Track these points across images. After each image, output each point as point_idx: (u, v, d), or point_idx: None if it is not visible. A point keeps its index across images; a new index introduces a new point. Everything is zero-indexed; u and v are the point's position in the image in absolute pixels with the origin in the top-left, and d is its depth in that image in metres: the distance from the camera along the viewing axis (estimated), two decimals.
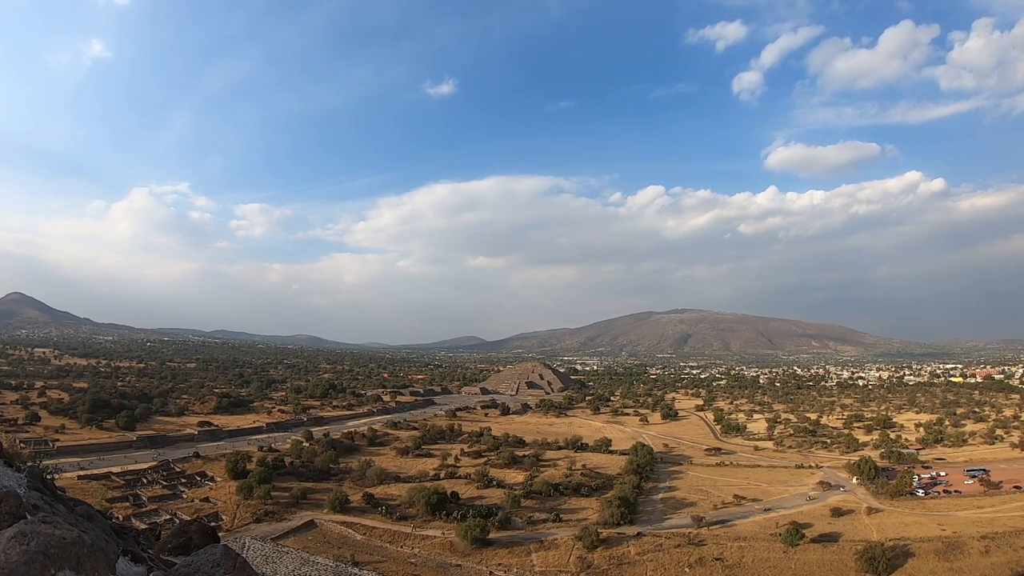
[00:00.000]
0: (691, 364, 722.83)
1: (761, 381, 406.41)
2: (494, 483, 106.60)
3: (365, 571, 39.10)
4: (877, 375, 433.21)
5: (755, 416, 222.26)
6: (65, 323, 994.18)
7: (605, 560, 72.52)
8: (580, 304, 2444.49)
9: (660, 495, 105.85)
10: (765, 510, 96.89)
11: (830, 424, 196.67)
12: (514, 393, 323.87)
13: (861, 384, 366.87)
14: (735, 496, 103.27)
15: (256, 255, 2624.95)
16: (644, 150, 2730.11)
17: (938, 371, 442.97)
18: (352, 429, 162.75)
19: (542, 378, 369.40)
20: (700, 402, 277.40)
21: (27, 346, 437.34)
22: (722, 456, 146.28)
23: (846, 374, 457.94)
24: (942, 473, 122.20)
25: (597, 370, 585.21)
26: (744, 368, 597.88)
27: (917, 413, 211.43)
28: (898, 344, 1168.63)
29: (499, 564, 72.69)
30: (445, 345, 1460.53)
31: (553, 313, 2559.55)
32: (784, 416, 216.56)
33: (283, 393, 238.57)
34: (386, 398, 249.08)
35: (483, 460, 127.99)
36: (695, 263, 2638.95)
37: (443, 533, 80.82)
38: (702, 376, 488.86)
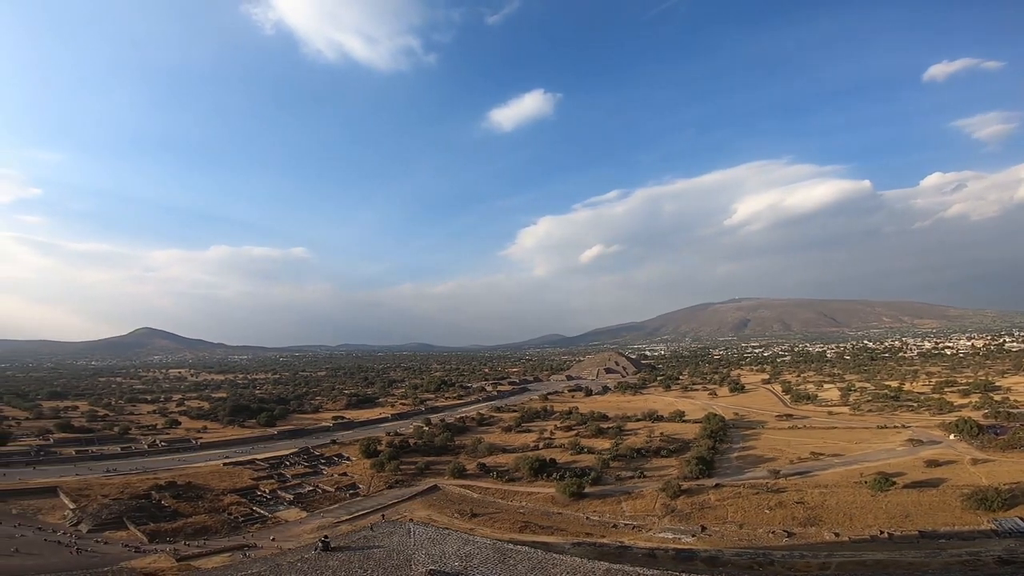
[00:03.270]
0: (752, 344, 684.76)
1: (828, 355, 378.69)
2: (585, 450, 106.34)
3: (520, 547, 40.85)
4: (969, 344, 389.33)
5: (825, 386, 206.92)
6: (199, 348, 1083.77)
7: (687, 506, 70.06)
8: (642, 300, 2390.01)
9: (735, 454, 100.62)
10: (847, 463, 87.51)
11: (915, 390, 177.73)
12: (594, 378, 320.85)
13: (948, 353, 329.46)
14: (812, 453, 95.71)
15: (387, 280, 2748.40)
16: None
17: None
18: (463, 414, 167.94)
19: (617, 364, 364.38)
20: (766, 376, 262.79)
21: (161, 368, 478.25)
22: (794, 421, 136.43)
23: (928, 345, 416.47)
24: None
25: (664, 355, 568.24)
26: (808, 345, 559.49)
27: None
28: (992, 315, 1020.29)
29: (594, 511, 72.25)
30: (532, 343, 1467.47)
31: (619, 309, 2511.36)
32: (859, 385, 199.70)
33: (403, 389, 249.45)
34: (488, 388, 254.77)
35: (574, 432, 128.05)
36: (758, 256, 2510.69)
37: (545, 490, 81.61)
38: (765, 354, 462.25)
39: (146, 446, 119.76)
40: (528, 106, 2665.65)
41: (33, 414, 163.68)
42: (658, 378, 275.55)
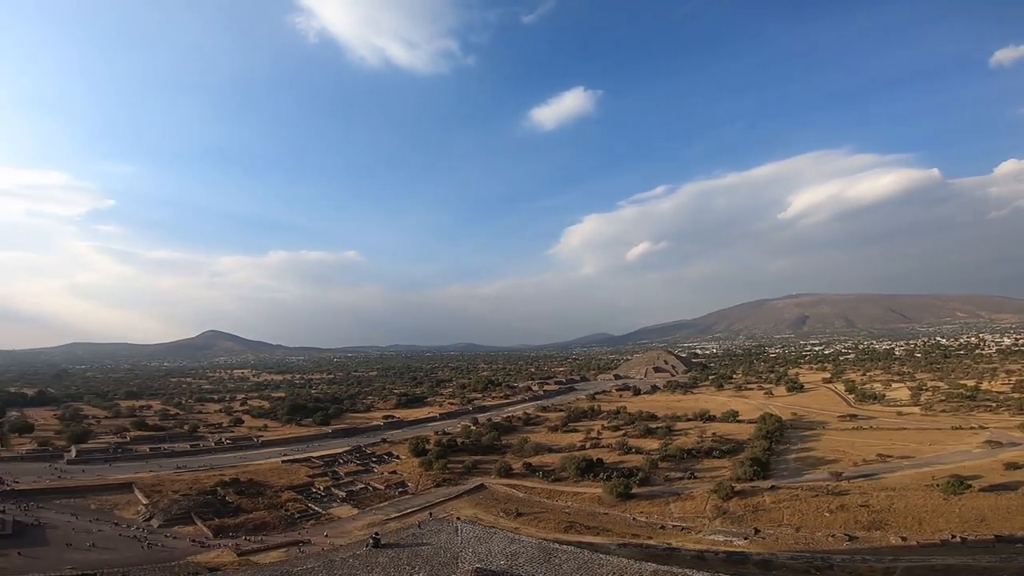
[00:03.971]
0: (812, 342, 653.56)
1: (897, 353, 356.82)
2: (633, 450, 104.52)
3: (566, 546, 40.94)
4: None
5: (894, 385, 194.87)
6: (260, 350, 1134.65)
7: (740, 508, 67.71)
8: (692, 297, 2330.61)
9: (793, 455, 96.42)
10: (917, 466, 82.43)
11: (993, 389, 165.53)
12: (643, 377, 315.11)
13: None
14: (878, 455, 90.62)
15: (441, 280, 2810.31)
16: None
17: None
18: (510, 414, 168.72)
19: (667, 363, 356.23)
20: (827, 375, 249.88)
21: (226, 368, 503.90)
22: (859, 421, 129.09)
23: (1007, 341, 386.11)
24: None
25: (716, 353, 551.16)
26: (874, 342, 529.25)
27: None
28: None
29: (641, 512, 71.11)
30: (579, 342, 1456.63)
31: (669, 307, 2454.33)
32: (931, 384, 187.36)
33: (451, 389, 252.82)
34: (535, 387, 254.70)
35: (621, 432, 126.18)
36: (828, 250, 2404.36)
37: (591, 490, 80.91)
38: (826, 352, 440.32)
39: (213, 444, 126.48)
40: (569, 104, 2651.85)
41: (111, 413, 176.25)
42: (710, 377, 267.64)
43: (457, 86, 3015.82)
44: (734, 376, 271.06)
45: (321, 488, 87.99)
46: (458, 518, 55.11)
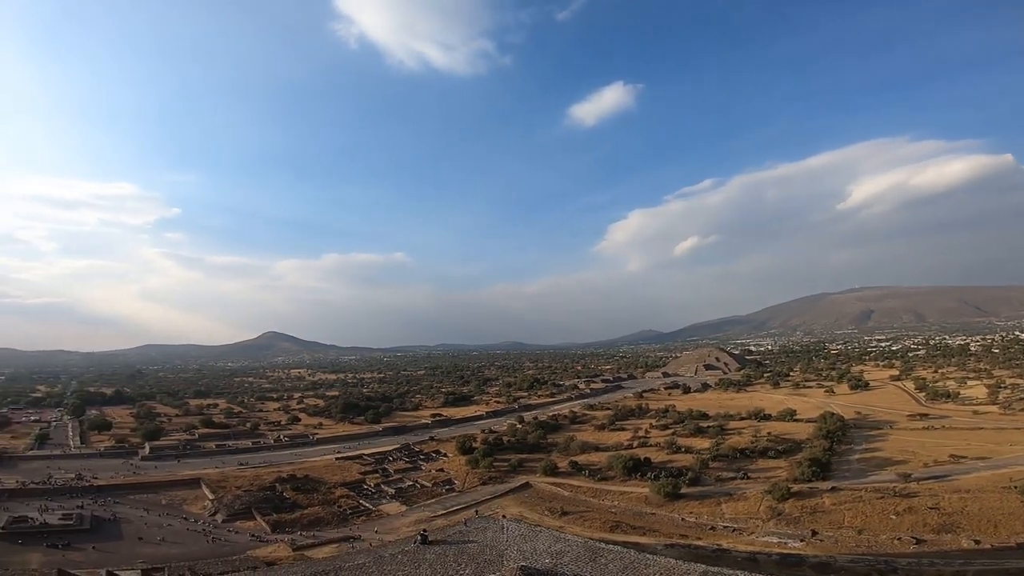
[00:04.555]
0: (878, 337, 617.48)
1: (972, 348, 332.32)
2: (682, 449, 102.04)
3: (611, 546, 40.62)
4: None
5: (969, 383, 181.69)
6: (315, 350, 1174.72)
7: (796, 509, 64.89)
8: (745, 292, 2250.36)
9: (856, 456, 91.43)
10: (994, 467, 76.79)
11: None
12: (693, 375, 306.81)
13: None
14: (951, 456, 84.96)
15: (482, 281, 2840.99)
16: None
17: None
18: (555, 412, 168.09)
19: (718, 360, 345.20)
20: (895, 372, 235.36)
21: (284, 368, 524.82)
22: (930, 421, 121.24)
23: None
24: None
25: (772, 350, 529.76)
26: (946, 337, 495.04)
27: None
28: None
29: (690, 512, 69.40)
30: (626, 339, 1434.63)
31: (720, 303, 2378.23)
32: (1010, 381, 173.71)
33: (497, 388, 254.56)
34: (581, 386, 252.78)
35: (670, 431, 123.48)
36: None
37: (638, 490, 79.61)
38: (893, 348, 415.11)
39: (272, 441, 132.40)
40: (609, 100, 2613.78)
41: (181, 411, 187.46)
42: (765, 375, 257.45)
43: (495, 86, 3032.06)
44: (791, 374, 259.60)
45: (372, 485, 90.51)
46: (504, 516, 55.46)
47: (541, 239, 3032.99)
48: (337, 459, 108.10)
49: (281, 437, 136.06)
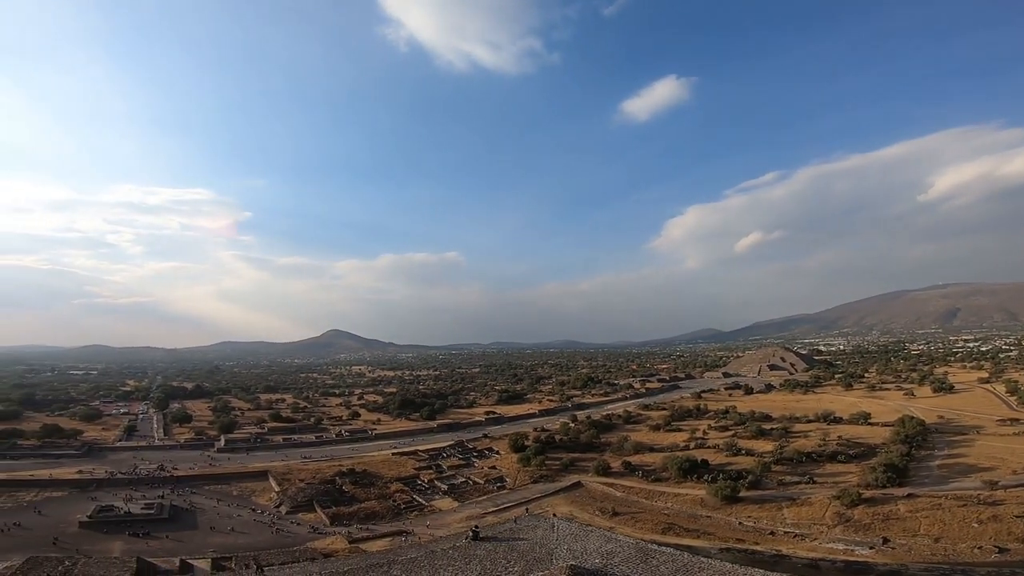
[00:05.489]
0: (964, 337, 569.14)
1: None
2: (743, 452, 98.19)
3: (664, 548, 39.97)
4: None
5: None
6: (374, 347, 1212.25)
7: (867, 516, 61.02)
8: (814, 290, 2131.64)
9: (937, 462, 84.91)
10: None
11: None
12: (756, 375, 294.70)
13: None
14: None
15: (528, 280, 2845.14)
16: None
17: None
18: (609, 411, 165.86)
19: (784, 360, 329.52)
20: (984, 374, 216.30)
21: (346, 365, 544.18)
22: (1022, 426, 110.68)
23: None
24: None
25: (844, 350, 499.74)
26: None
27: None
28: None
29: (748, 516, 66.49)
30: (683, 338, 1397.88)
31: (786, 301, 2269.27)
32: None
33: (550, 386, 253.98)
34: (636, 385, 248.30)
35: (730, 433, 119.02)
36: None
37: (693, 492, 77.35)
38: (982, 348, 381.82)
39: (334, 435, 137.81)
40: (661, 94, 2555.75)
41: (253, 405, 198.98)
42: (836, 376, 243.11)
43: (544, 84, 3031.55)
44: (866, 375, 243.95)
45: (425, 481, 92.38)
46: (554, 515, 55.27)
47: (594, 237, 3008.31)
48: (393, 454, 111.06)
49: (342, 432, 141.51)
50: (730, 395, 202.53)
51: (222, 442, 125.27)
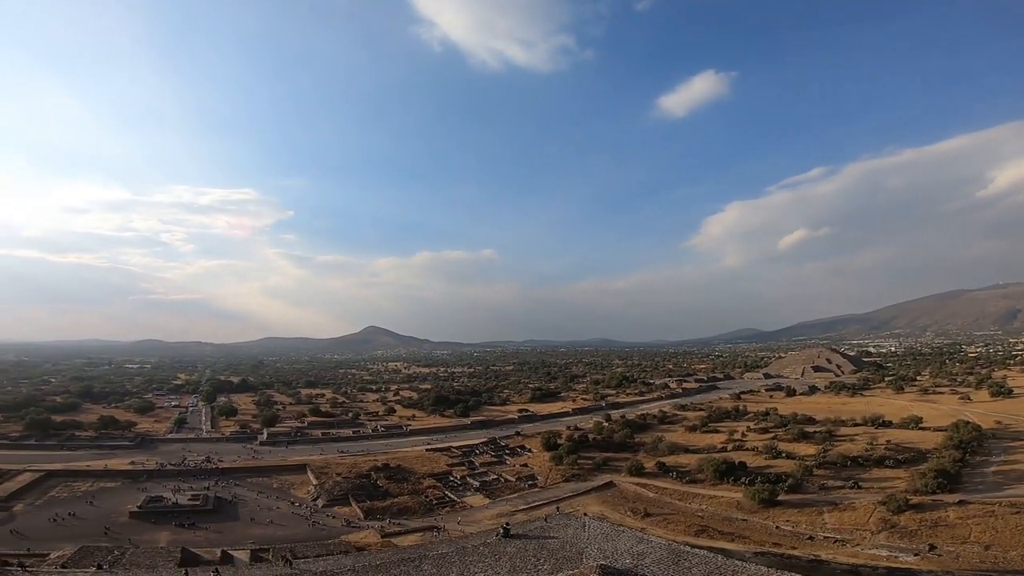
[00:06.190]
0: None
1: None
2: (783, 455, 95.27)
3: (697, 550, 39.50)
4: None
5: None
6: (410, 344, 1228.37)
7: (914, 522, 58.53)
8: (863, 289, 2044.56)
9: (993, 468, 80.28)
10: None
11: None
12: (799, 376, 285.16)
13: None
14: None
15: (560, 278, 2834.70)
16: None
17: None
18: (644, 411, 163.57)
19: (830, 362, 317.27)
20: None
21: (383, 361, 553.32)
22: None
23: None
24: None
25: (895, 351, 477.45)
26: None
27: None
28: None
29: (786, 520, 64.50)
30: (723, 338, 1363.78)
31: (833, 300, 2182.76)
32: None
33: (584, 385, 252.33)
34: (672, 385, 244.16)
35: (770, 435, 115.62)
36: None
37: (729, 494, 75.62)
38: None
39: (370, 431, 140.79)
40: (699, 89, 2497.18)
41: (294, 400, 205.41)
42: (886, 378, 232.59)
43: (578, 81, 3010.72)
44: (918, 378, 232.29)
45: (458, 477, 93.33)
46: (585, 514, 54.98)
47: (630, 234, 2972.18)
48: (427, 450, 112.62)
49: (378, 427, 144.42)
50: (771, 396, 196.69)
51: (264, 435, 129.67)
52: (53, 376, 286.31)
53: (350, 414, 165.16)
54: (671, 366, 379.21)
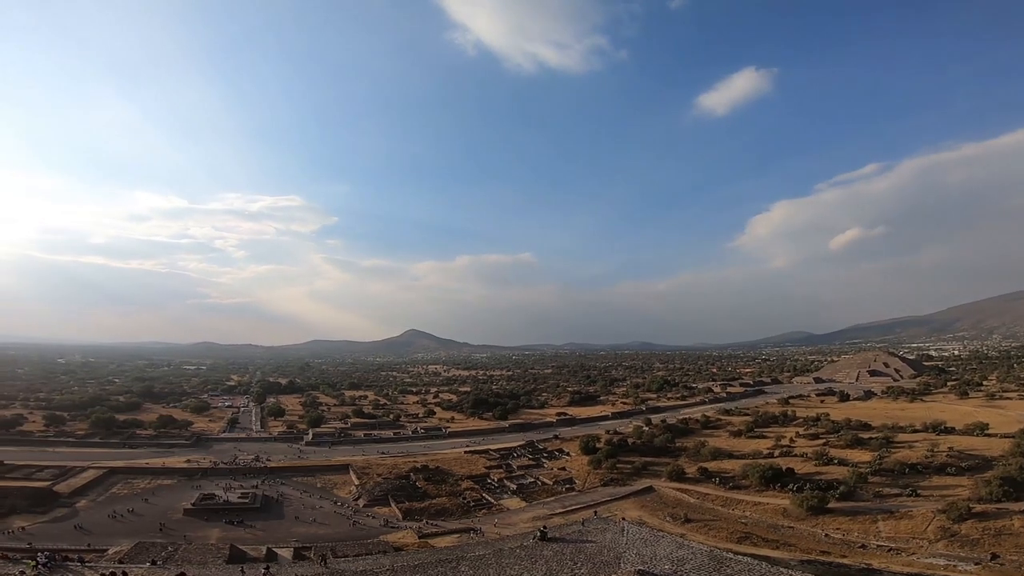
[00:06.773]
0: None
1: None
2: (834, 461, 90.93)
3: (740, 556, 38.56)
4: None
5: None
6: (449, 347, 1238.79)
7: (976, 531, 55.10)
8: (922, 290, 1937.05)
9: None
10: None
11: None
12: (853, 381, 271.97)
13: None
14: None
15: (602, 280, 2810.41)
16: None
17: None
18: (686, 415, 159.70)
19: (887, 366, 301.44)
20: None
21: (423, 364, 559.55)
22: None
23: None
24: None
25: (959, 355, 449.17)
26: None
27: None
28: None
29: (836, 528, 61.74)
30: (771, 341, 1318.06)
31: (890, 302, 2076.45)
32: None
33: (624, 388, 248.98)
34: (716, 389, 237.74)
35: (821, 441, 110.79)
36: None
37: (775, 501, 72.90)
38: None
39: (410, 432, 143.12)
40: (740, 87, 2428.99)
41: (338, 401, 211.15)
42: (949, 383, 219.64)
43: (613, 82, 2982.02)
44: (985, 383, 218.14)
45: (495, 479, 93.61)
46: (623, 519, 54.21)
47: (671, 236, 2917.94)
48: (465, 452, 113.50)
49: (418, 429, 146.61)
50: (822, 401, 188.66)
51: (310, 436, 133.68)
52: (117, 376, 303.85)
53: (391, 416, 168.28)
54: (715, 370, 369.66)
